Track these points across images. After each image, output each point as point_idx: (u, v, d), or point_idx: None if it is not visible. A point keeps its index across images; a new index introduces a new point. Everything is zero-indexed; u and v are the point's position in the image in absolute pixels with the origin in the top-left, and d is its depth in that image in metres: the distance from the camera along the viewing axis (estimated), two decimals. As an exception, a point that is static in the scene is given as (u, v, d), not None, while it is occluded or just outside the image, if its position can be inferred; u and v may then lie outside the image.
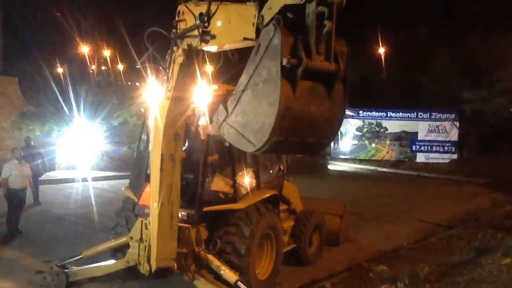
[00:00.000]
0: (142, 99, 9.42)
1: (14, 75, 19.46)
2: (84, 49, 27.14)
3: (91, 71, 25.74)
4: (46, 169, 12.97)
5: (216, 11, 4.12)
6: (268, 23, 3.40)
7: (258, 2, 3.62)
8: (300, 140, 3.43)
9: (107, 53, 29.95)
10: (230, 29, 4.03)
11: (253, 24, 3.63)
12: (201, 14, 4.24)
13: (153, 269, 5.62)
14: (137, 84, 22.99)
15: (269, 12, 3.44)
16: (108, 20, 28.25)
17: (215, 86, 5.69)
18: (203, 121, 6.73)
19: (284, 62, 3.12)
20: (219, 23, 4.15)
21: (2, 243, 8.44)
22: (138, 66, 5.26)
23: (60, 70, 24.57)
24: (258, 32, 3.57)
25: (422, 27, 27.77)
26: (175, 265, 5.71)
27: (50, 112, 18.31)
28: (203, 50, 4.59)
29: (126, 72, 27.94)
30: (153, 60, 5.20)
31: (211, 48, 4.42)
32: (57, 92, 17.78)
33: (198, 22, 4.27)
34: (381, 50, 28.21)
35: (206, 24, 4.23)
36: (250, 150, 3.51)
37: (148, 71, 5.42)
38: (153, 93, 5.43)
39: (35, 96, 19.21)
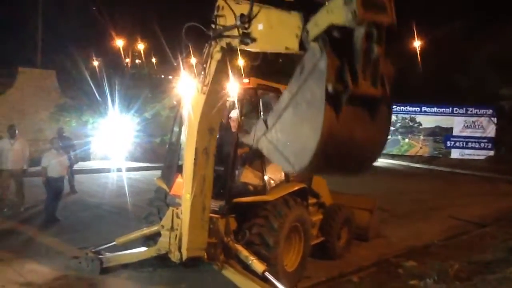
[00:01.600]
0: (175, 92, 9.62)
1: (52, 69, 20.09)
2: (119, 42, 27.67)
3: (125, 64, 26.26)
4: (78, 160, 13.33)
5: (258, 13, 4.07)
6: (313, 40, 3.31)
7: (303, 13, 3.54)
8: (341, 164, 3.34)
9: (141, 46, 30.48)
10: (272, 35, 3.97)
11: (296, 36, 3.56)
12: (242, 15, 4.19)
13: (184, 258, 5.77)
14: (169, 77, 23.34)
15: (315, 28, 3.34)
16: (142, 14, 28.78)
17: (246, 80, 5.75)
18: (234, 113, 6.86)
19: (330, 88, 3.01)
20: (260, 27, 4.09)
21: (40, 229, 8.78)
22: (175, 63, 5.33)
23: (95, 63, 25.15)
24: (301, 44, 3.50)
25: (459, 21, 27.05)
26: (205, 254, 5.84)
27: (86, 104, 18.85)
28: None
29: (159, 65, 28.36)
30: (189, 54, 5.25)
31: (251, 49, 4.38)
32: (92, 85, 18.26)
33: (238, 23, 4.23)
34: (417, 44, 27.64)
35: (246, 26, 4.18)
36: (288, 170, 3.50)
37: (183, 66, 5.51)
38: (187, 88, 5.49)
39: (72, 88, 19.76)
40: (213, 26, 4.80)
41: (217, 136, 5.76)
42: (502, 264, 6.91)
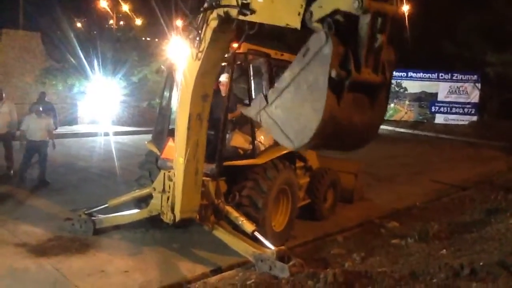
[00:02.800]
0: (164, 56, 9.56)
1: (37, 30, 19.68)
2: (103, 3, 27.02)
3: (110, 26, 25.76)
4: (57, 125, 12.53)
5: None
6: (317, 21, 3.38)
7: None
8: (338, 143, 3.54)
9: (125, 7, 29.78)
10: (273, 9, 3.96)
11: (298, 14, 3.58)
12: None
13: (177, 219, 5.96)
14: (156, 40, 23.02)
15: (319, 10, 3.39)
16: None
17: (236, 45, 5.78)
18: (224, 77, 6.92)
19: (333, 74, 3.12)
20: None
21: (31, 192, 8.88)
22: (166, 28, 5.25)
23: (79, 24, 24.63)
24: (303, 23, 3.54)
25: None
26: (197, 216, 6.03)
27: (72, 67, 18.60)
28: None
29: (146, 27, 27.85)
30: (184, 20, 5.12)
31: (249, 19, 4.33)
32: (78, 48, 17.99)
33: None
34: (405, 8, 27.45)
35: None
36: (287, 146, 3.62)
37: (176, 30, 5.45)
38: (180, 53, 5.47)
39: (57, 51, 19.45)
40: None
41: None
42: (479, 225, 7.24)
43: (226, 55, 5.93)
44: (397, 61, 3.50)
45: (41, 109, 9.91)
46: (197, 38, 5.10)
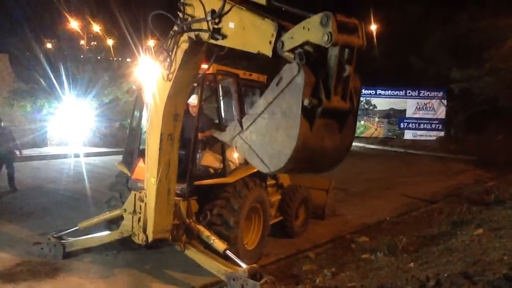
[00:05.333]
0: (135, 77, 9.59)
1: (4, 52, 19.42)
2: (73, 24, 26.85)
3: (81, 47, 25.58)
4: (20, 151, 11.09)
5: (229, 11, 4.14)
6: (287, 51, 3.56)
7: (277, 24, 3.72)
8: (309, 166, 3.71)
9: (96, 28, 29.65)
10: (244, 36, 4.07)
11: (270, 42, 3.74)
12: (213, 11, 4.24)
13: (150, 239, 5.91)
14: (128, 60, 23.00)
15: (290, 41, 3.56)
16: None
17: (205, 66, 5.87)
18: (193, 99, 7.00)
19: (306, 103, 3.28)
20: (231, 25, 4.16)
21: (-1, 216, 8.70)
22: (136, 49, 5.32)
23: (49, 45, 24.38)
24: (274, 51, 3.70)
25: (413, 5, 27.82)
26: (170, 236, 6.02)
27: (41, 88, 18.39)
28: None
29: (116, 48, 27.76)
30: (154, 41, 5.20)
31: (220, 44, 4.40)
32: (48, 69, 17.82)
33: (209, 18, 4.27)
34: (373, 27, 28.25)
35: (216, 21, 4.23)
36: (262, 170, 3.75)
37: (146, 51, 5.51)
38: (150, 73, 5.49)
39: (26, 72, 19.22)
40: (180, 14, 4.77)
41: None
42: (445, 237, 7.45)
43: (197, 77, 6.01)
44: (363, 87, 3.72)
45: None
46: (168, 60, 5.17)
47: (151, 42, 18.17)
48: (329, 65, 3.36)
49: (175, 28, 4.94)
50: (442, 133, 27.41)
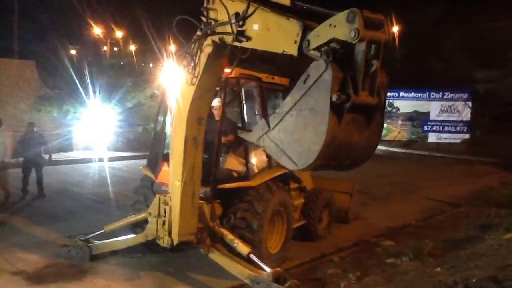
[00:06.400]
0: (157, 81, 9.70)
1: (32, 59, 19.86)
2: (97, 30, 27.35)
3: (104, 53, 26.05)
4: (50, 156, 11.09)
5: (253, 13, 4.19)
6: (314, 49, 3.59)
7: (303, 23, 3.76)
8: (338, 163, 3.71)
9: (119, 34, 30.14)
10: (268, 37, 4.12)
11: (295, 42, 3.78)
12: (237, 14, 4.31)
13: (175, 242, 5.97)
14: (150, 65, 23.29)
15: (316, 39, 3.61)
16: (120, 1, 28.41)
17: (228, 70, 5.92)
18: (216, 102, 7.04)
19: (334, 98, 3.32)
20: (255, 27, 4.21)
21: (28, 219, 8.86)
22: (159, 54, 5.40)
23: (73, 51, 24.87)
24: (300, 51, 3.74)
25: (435, 6, 27.49)
26: (195, 239, 6.06)
27: (67, 94, 18.75)
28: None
29: (138, 53, 28.17)
30: (178, 46, 5.27)
31: (245, 46, 4.46)
32: (73, 75, 18.17)
33: (233, 21, 4.33)
34: (394, 29, 27.94)
35: (240, 23, 4.29)
36: (291, 168, 3.77)
37: (170, 56, 5.58)
38: (174, 78, 5.56)
39: (52, 78, 19.62)
40: (203, 19, 4.84)
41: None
42: (473, 241, 7.33)
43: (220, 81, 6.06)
44: (389, 84, 3.70)
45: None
46: (192, 64, 5.23)
47: (173, 47, 18.46)
48: (356, 60, 3.39)
49: (199, 32, 5.01)
50: (467, 136, 26.91)
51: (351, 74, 3.39)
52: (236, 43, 4.47)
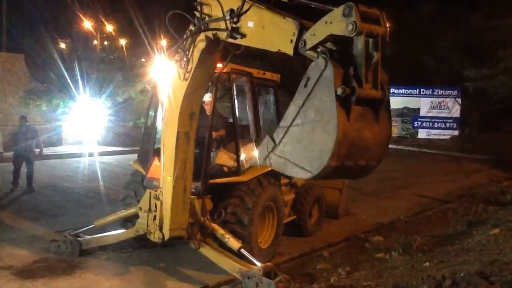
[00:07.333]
0: (148, 76, 9.66)
1: (20, 52, 19.65)
2: (87, 24, 27.06)
3: (94, 47, 25.80)
4: (41, 150, 11.32)
5: (248, 10, 4.15)
6: (310, 49, 3.55)
7: (299, 22, 3.73)
8: (353, 164, 3.52)
9: (109, 28, 29.83)
10: (264, 35, 4.07)
11: (291, 41, 3.74)
12: (231, 11, 4.26)
13: (166, 237, 5.95)
14: (142, 60, 23.13)
15: (312, 38, 3.56)
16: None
17: (220, 65, 5.90)
18: (207, 97, 7.03)
19: (339, 91, 3.25)
20: (250, 24, 4.16)
21: (17, 214, 8.81)
22: (150, 48, 5.39)
23: (63, 45, 24.61)
24: (295, 50, 3.70)
25: (426, 4, 27.63)
26: (186, 234, 6.05)
27: (57, 88, 18.60)
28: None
29: (129, 48, 27.93)
30: (170, 41, 5.24)
31: (239, 43, 4.40)
32: (63, 69, 18.01)
33: (227, 17, 4.29)
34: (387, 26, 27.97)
35: (235, 20, 4.24)
36: (305, 177, 3.58)
37: (162, 51, 5.53)
38: (165, 73, 5.52)
39: (41, 72, 19.45)
40: (197, 14, 4.78)
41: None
42: (461, 237, 7.40)
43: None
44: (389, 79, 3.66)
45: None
46: (184, 59, 5.19)
47: (164, 42, 18.34)
48: (357, 54, 3.36)
49: (192, 27, 4.98)
50: (456, 132, 27.14)
51: (353, 68, 3.36)
52: (230, 40, 4.42)
